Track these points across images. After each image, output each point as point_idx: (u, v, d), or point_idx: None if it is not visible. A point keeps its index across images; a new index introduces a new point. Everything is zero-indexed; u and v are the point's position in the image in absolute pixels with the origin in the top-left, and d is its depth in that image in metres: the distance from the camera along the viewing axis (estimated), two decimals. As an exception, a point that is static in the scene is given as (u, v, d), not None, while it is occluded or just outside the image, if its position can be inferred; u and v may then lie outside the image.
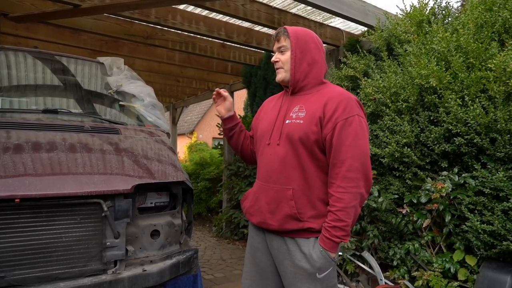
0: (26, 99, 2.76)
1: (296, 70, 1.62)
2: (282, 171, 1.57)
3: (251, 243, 1.77)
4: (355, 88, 3.63)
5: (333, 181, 1.51)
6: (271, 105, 1.80)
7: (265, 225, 1.62)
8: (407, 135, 2.84)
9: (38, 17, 3.59)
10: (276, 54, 1.67)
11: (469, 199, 2.52)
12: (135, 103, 2.97)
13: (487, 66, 2.48)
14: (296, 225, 1.55)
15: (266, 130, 1.68)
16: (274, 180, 1.58)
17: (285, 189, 1.56)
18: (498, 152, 2.42)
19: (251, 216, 1.69)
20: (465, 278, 2.53)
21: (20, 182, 1.73)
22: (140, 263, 2.01)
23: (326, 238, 1.50)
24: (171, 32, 4.59)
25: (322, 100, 1.56)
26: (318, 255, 1.51)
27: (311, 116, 1.55)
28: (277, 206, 1.57)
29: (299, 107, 1.61)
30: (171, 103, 9.14)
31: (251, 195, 1.72)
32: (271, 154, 1.61)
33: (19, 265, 1.70)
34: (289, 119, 1.60)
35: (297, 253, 1.55)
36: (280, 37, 1.64)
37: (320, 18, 4.34)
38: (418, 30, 3.25)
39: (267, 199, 1.60)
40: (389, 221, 2.93)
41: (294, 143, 1.55)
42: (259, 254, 1.71)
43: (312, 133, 1.52)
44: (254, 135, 1.81)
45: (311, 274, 1.52)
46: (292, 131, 1.56)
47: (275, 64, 1.68)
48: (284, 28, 1.65)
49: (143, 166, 2.16)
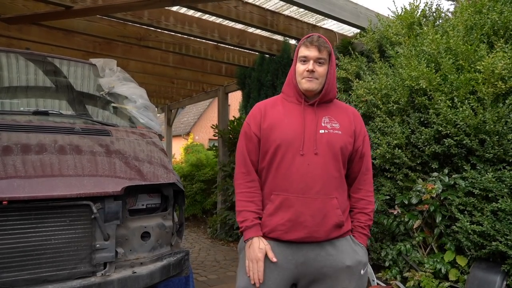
0: (18, 100, 2.75)
1: (329, 85, 1.65)
2: (325, 180, 1.56)
3: (267, 262, 1.55)
4: (347, 90, 3.65)
5: (362, 186, 1.70)
6: (280, 112, 1.66)
7: (310, 239, 1.54)
8: (398, 136, 2.86)
9: (30, 19, 3.57)
10: (312, 63, 1.59)
11: (459, 200, 2.54)
12: (128, 104, 2.97)
13: (476, 68, 2.50)
14: (339, 232, 1.60)
15: (292, 139, 1.57)
16: (317, 190, 1.54)
17: (330, 198, 1.56)
18: (487, 153, 2.45)
19: (287, 234, 1.54)
20: (456, 278, 2.55)
21: (8, 184, 1.72)
22: (130, 265, 2.01)
23: (364, 235, 1.67)
24: (164, 34, 4.59)
25: (348, 114, 1.71)
26: (361, 251, 1.64)
27: (346, 128, 1.65)
28: (323, 217, 1.54)
29: (328, 118, 1.64)
30: (166, 105, 9.13)
31: (282, 210, 1.55)
32: (309, 164, 1.55)
33: (7, 267, 1.69)
34: (324, 129, 1.60)
35: (340, 254, 1.57)
36: (322, 49, 1.60)
37: (313, 20, 4.36)
38: (409, 32, 3.28)
39: (311, 211, 1.53)
40: (381, 222, 2.94)
41: (336, 152, 1.59)
42: (275, 272, 1.55)
43: (349, 144, 1.64)
44: (267, 146, 1.62)
45: (355, 273, 1.58)
46: (333, 141, 1.59)
47: (309, 73, 1.60)
48: (323, 39, 1.63)
49: (134, 167, 2.16)
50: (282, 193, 1.56)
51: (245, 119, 1.76)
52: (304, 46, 1.62)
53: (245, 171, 1.66)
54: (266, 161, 1.62)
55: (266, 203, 1.62)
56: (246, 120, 1.73)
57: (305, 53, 1.61)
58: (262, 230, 1.60)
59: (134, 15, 3.73)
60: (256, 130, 1.65)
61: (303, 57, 1.61)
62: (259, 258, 1.52)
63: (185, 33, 4.24)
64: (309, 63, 1.60)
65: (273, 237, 1.57)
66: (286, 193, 1.55)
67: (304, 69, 1.61)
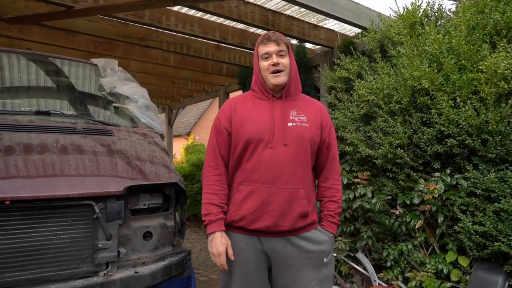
0: (19, 100, 2.75)
1: (292, 76, 1.73)
2: (293, 171, 1.63)
3: (241, 256, 1.65)
4: (349, 90, 3.64)
5: (329, 175, 1.79)
6: (250, 107, 1.73)
7: (275, 228, 1.61)
8: (400, 136, 2.85)
9: (31, 19, 3.57)
10: (274, 56, 1.66)
11: (461, 200, 2.53)
12: (129, 104, 2.97)
13: (479, 68, 2.50)
14: (305, 222, 1.67)
15: (262, 133, 1.63)
16: (285, 181, 1.61)
17: (297, 189, 1.64)
18: (489, 154, 2.44)
19: (253, 223, 1.62)
20: (457, 279, 2.55)
21: (10, 184, 1.72)
22: (132, 265, 2.01)
23: (333, 223, 1.76)
24: (165, 34, 4.59)
25: (315, 108, 1.79)
26: (327, 240, 1.71)
27: (313, 120, 1.73)
28: (289, 207, 1.62)
29: (296, 111, 1.72)
30: (166, 105, 9.13)
31: (250, 199, 1.62)
32: (278, 155, 1.62)
33: (10, 267, 1.69)
34: (292, 122, 1.68)
35: (305, 245, 1.66)
36: (280, 42, 1.67)
37: (314, 19, 4.35)
38: (411, 32, 3.27)
39: (279, 201, 1.61)
40: (383, 222, 2.94)
41: (304, 144, 1.67)
42: (251, 263, 1.65)
43: (316, 136, 1.71)
44: (238, 140, 1.67)
45: (319, 261, 1.67)
46: (301, 133, 1.67)
47: (274, 67, 1.66)
48: (278, 34, 1.70)
49: (135, 167, 2.16)
50: (251, 183, 1.63)
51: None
52: (263, 44, 1.70)
53: (213, 165, 1.72)
54: (236, 154, 1.69)
55: (234, 193, 1.68)
56: (217, 115, 1.80)
57: (266, 49, 1.68)
58: (231, 219, 1.67)
59: (135, 15, 3.72)
60: (226, 124, 1.72)
61: (265, 54, 1.69)
62: (220, 252, 1.59)
63: (186, 33, 4.23)
64: (271, 57, 1.67)
65: (240, 226, 1.65)
66: (255, 183, 1.63)
67: (269, 63, 1.67)
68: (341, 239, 3.23)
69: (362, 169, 3.28)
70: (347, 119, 3.38)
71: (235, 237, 1.67)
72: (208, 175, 1.71)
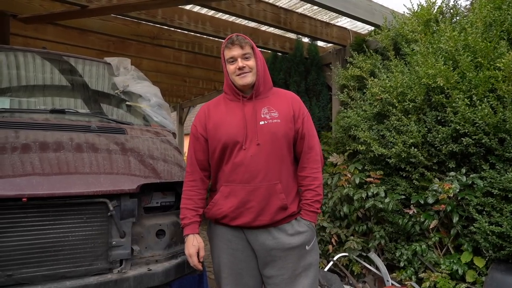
0: (35, 99, 2.79)
1: (260, 76, 1.77)
2: (268, 168, 1.70)
3: (229, 247, 1.78)
4: (362, 88, 3.61)
5: (306, 165, 1.80)
6: (222, 111, 1.80)
7: (255, 223, 1.70)
8: (414, 135, 2.81)
9: (46, 18, 3.62)
10: (239, 60, 1.72)
11: (477, 200, 2.49)
12: (142, 103, 2.98)
13: (496, 65, 2.45)
14: (284, 214, 1.73)
15: (235, 135, 1.71)
16: (261, 178, 1.69)
17: (274, 184, 1.70)
18: (507, 153, 2.39)
19: (235, 220, 1.72)
20: (473, 280, 2.51)
21: (27, 181, 1.74)
22: (146, 263, 2.02)
23: (311, 212, 1.77)
24: (177, 32, 4.60)
25: (287, 101, 1.82)
26: (305, 228, 1.76)
27: (285, 114, 1.76)
28: (268, 202, 1.69)
29: (267, 108, 1.76)
30: (178, 103, 9.18)
31: (231, 199, 1.72)
32: (253, 155, 1.69)
33: (26, 263, 1.71)
34: (264, 120, 1.73)
35: (285, 237, 1.72)
36: (244, 45, 1.73)
37: (326, 17, 4.32)
38: (426, 29, 3.22)
39: (258, 198, 1.69)
40: (396, 222, 2.91)
41: (278, 140, 1.72)
42: (239, 253, 1.77)
43: (290, 130, 1.75)
44: (215, 145, 1.76)
45: (301, 249, 1.73)
46: (274, 130, 1.72)
47: (241, 69, 1.73)
48: (242, 37, 1.76)
49: (149, 166, 2.17)
50: (230, 184, 1.73)
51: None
52: (227, 49, 1.75)
53: (189, 171, 1.86)
54: (215, 158, 1.78)
55: (217, 193, 1.78)
56: (193, 122, 1.88)
57: (230, 54, 1.74)
58: (214, 217, 1.79)
59: (148, 14, 3.74)
60: (202, 131, 1.82)
61: (230, 58, 1.75)
62: (190, 253, 1.76)
63: (198, 32, 4.24)
64: (237, 61, 1.73)
65: (224, 222, 1.76)
66: (233, 183, 1.72)
67: (235, 67, 1.73)
68: (353, 238, 3.20)
69: (375, 168, 3.24)
70: (359, 118, 3.35)
71: (222, 229, 1.80)
72: (185, 180, 1.87)
